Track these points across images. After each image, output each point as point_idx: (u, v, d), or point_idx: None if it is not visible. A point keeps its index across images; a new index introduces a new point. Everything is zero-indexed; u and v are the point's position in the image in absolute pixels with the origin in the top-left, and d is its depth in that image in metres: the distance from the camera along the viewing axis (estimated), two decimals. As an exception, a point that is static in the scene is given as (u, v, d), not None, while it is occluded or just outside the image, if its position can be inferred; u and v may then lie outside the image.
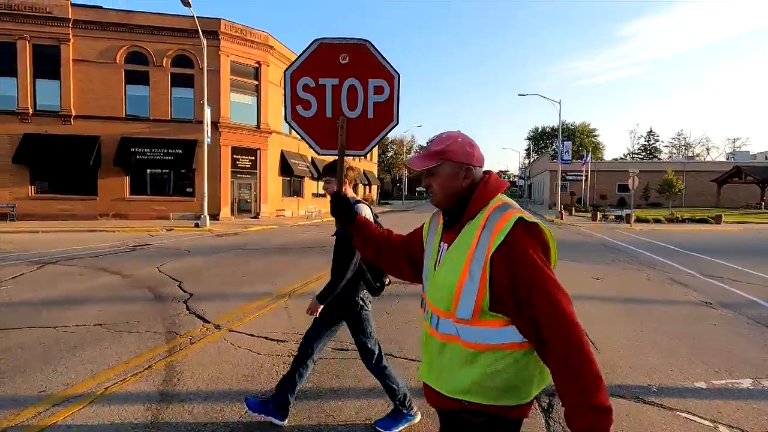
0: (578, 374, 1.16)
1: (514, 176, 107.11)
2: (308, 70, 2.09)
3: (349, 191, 2.78)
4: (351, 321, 2.76)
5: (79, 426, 2.73)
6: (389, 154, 67.46)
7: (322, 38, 2.08)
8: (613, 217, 25.83)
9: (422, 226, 1.66)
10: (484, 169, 1.47)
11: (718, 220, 23.14)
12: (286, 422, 2.75)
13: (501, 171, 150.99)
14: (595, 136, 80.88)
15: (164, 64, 20.56)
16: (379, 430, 2.72)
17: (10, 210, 19.12)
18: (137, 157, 20.12)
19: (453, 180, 1.41)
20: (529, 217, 1.31)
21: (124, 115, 20.42)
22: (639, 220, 23.45)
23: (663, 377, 3.60)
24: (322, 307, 2.65)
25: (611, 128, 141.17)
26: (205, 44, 18.74)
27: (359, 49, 2.07)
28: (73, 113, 19.92)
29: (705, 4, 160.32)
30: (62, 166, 19.84)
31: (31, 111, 19.68)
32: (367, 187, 43.07)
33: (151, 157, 20.29)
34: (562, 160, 27.32)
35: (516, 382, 1.30)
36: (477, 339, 1.30)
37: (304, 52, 2.10)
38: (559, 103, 27.32)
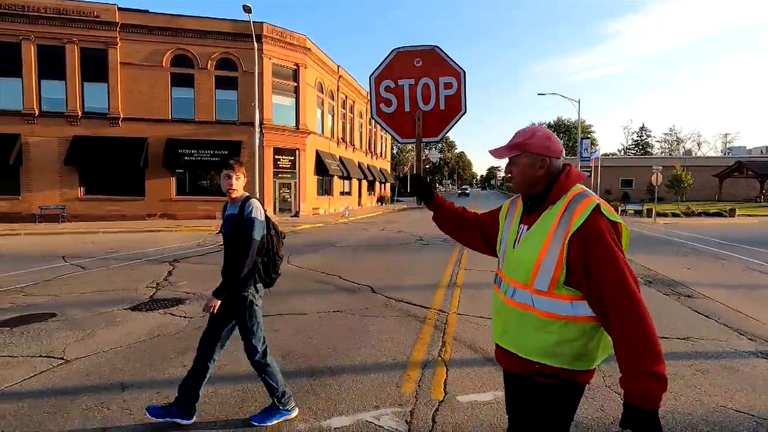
0: (635, 341, 1.31)
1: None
2: (388, 74, 2.53)
3: (238, 186, 2.82)
4: (239, 315, 2.80)
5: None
6: (393, 152, 68.23)
7: (399, 47, 2.53)
8: (632, 211, 27.03)
9: (499, 208, 1.87)
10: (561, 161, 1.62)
11: (732, 213, 24.51)
12: (192, 420, 2.83)
13: (493, 167, 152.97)
14: (592, 132, 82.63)
15: (208, 67, 21.01)
16: (253, 423, 2.85)
17: (61, 212, 19.46)
18: (185, 158, 20.58)
19: (531, 169, 1.57)
20: (606, 206, 1.49)
21: (170, 117, 20.83)
22: (658, 214, 24.69)
23: (838, 342, 4.52)
24: (219, 302, 2.68)
25: (602, 124, 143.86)
26: (256, 48, 19.31)
27: (430, 53, 2.49)
28: (121, 115, 20.27)
29: (693, 0, 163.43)
30: (111, 167, 20.21)
31: (80, 113, 19.98)
32: (383, 185, 43.78)
33: (198, 158, 20.78)
34: (581, 157, 28.43)
35: (584, 351, 1.48)
36: (550, 309, 1.48)
37: (385, 59, 2.55)
38: (579, 102, 28.41)
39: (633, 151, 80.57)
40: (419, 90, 2.48)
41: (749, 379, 3.63)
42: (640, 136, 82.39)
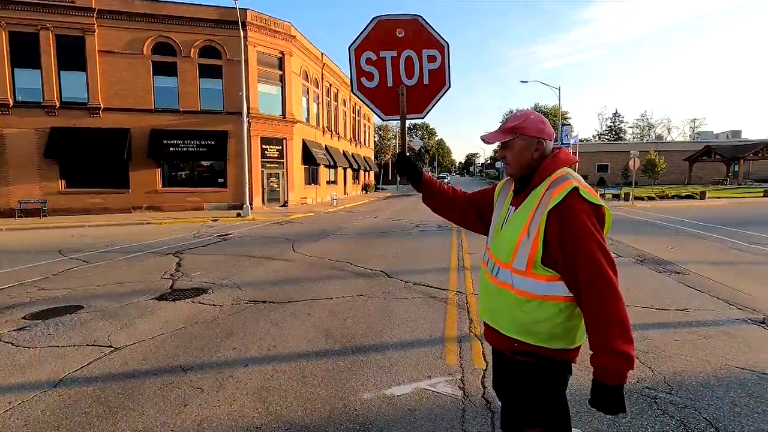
0: (605, 321, 1.36)
1: (489, 160, 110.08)
2: (369, 45, 2.31)
3: None
4: None
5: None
6: (375, 140, 68.26)
7: (379, 15, 2.33)
8: (611, 195, 28.10)
9: (492, 187, 1.92)
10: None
11: (702, 196, 25.82)
12: None
13: (471, 154, 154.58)
14: (568, 118, 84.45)
15: (192, 55, 20.54)
16: None
17: (41, 206, 18.90)
18: (170, 149, 20.21)
19: (525, 152, 1.59)
20: (586, 189, 1.49)
21: (153, 107, 20.33)
22: (635, 198, 25.77)
23: (814, 308, 5.10)
24: None
25: (577, 111, 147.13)
26: (241, 35, 19.01)
27: (412, 23, 2.31)
28: (102, 105, 19.66)
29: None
30: (93, 159, 19.65)
31: (57, 104, 19.27)
32: (367, 173, 43.86)
33: (184, 148, 20.43)
34: (562, 143, 29.26)
35: (560, 330, 1.50)
36: (527, 288, 1.52)
37: (365, 29, 2.33)
38: (559, 89, 29.10)
39: (607, 137, 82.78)
40: (402, 63, 2.31)
41: (745, 341, 4.11)
42: (613, 122, 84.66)
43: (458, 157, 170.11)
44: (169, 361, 3.82)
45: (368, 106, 2.38)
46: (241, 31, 19.31)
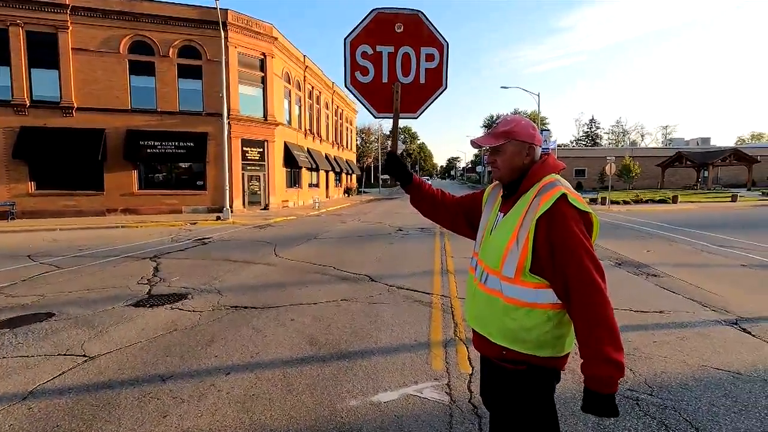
0: (595, 329, 1.35)
1: (470, 164, 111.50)
2: (366, 38, 2.20)
3: None
4: None
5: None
6: (358, 143, 68.23)
7: (378, 8, 2.22)
8: (588, 200, 28.76)
9: (481, 192, 1.90)
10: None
11: (675, 200, 26.72)
12: None
13: (453, 158, 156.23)
14: (547, 123, 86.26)
15: (170, 55, 20.10)
16: None
17: (10, 208, 18.11)
18: (148, 150, 19.70)
19: (516, 157, 1.58)
20: (574, 195, 1.48)
21: (129, 107, 19.79)
22: (612, 202, 26.47)
23: None
24: None
25: (554, 116, 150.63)
26: (222, 36, 18.73)
27: (413, 18, 2.21)
28: (75, 105, 19.03)
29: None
30: (65, 160, 18.97)
31: (27, 102, 18.55)
32: (349, 176, 43.73)
33: (162, 150, 19.95)
34: (542, 148, 29.79)
35: (549, 337, 1.49)
36: (515, 295, 1.50)
37: (362, 21, 2.21)
38: (538, 95, 29.68)
39: (584, 142, 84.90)
40: (399, 59, 2.22)
41: (719, 342, 4.24)
42: (590, 128, 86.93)
43: (440, 161, 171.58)
44: (146, 370, 3.69)
45: (360, 102, 2.29)
46: (221, 31, 19.03)
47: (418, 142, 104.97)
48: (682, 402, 3.10)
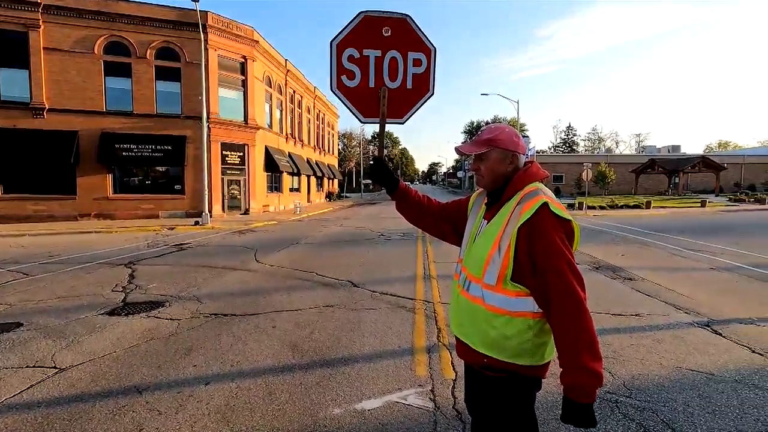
0: (573, 338, 1.36)
1: (450, 169, 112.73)
2: (353, 42, 2.17)
3: None
4: None
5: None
6: (339, 148, 68.14)
7: (366, 11, 2.19)
8: (566, 205, 29.33)
9: (467, 198, 1.90)
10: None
11: (648, 205, 27.57)
12: None
13: (434, 163, 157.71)
14: (525, 130, 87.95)
15: (148, 56, 19.68)
16: None
17: (-26, 213, 17.36)
18: (123, 153, 19.18)
19: (499, 165, 1.59)
20: (556, 204, 1.49)
21: (104, 109, 19.25)
22: (588, 207, 27.13)
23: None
24: None
25: (533, 123, 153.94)
26: (202, 38, 18.46)
27: (400, 23, 2.20)
28: (46, 106, 18.41)
29: (613, 9, 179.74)
30: (35, 163, 18.27)
31: (-5, 103, 17.86)
32: (331, 181, 43.55)
33: (138, 153, 19.45)
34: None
35: (529, 346, 1.50)
36: (497, 304, 1.51)
37: (349, 23, 2.18)
38: (518, 102, 30.27)
39: (561, 149, 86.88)
40: (386, 64, 2.20)
41: (693, 344, 4.38)
42: (567, 135, 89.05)
43: (421, 166, 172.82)
44: (121, 382, 3.56)
45: (346, 107, 2.24)
46: (201, 33, 18.74)
47: (400, 147, 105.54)
48: (659, 403, 3.18)
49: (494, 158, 1.60)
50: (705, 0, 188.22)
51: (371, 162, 1.97)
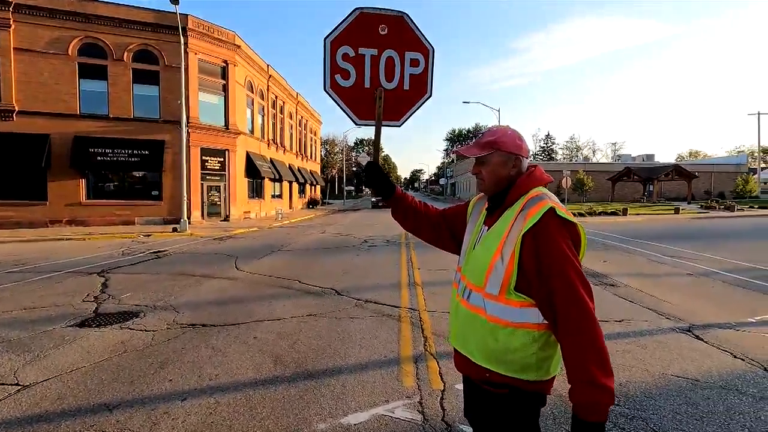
0: (583, 353, 1.27)
1: (432, 176, 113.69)
2: (348, 39, 2.06)
3: None
4: None
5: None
6: (322, 154, 67.86)
7: (361, 7, 2.09)
8: (546, 211, 29.86)
9: (465, 204, 1.82)
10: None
11: (625, 212, 28.24)
12: None
13: (416, 170, 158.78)
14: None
15: (125, 59, 19.21)
16: None
17: (-64, 219, 16.51)
18: (98, 158, 18.59)
19: (502, 168, 1.52)
20: (562, 209, 1.40)
21: (78, 112, 18.66)
22: (568, 214, 27.61)
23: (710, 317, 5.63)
24: None
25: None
26: (182, 41, 18.12)
27: (398, 21, 2.10)
28: (16, 108, 17.75)
29: (588, 23, 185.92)
30: (4, 167, 17.56)
31: (-40, 104, 17.10)
32: (313, 187, 43.22)
33: (114, 158, 18.89)
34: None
35: (534, 360, 1.40)
36: (500, 314, 1.42)
37: (344, 20, 2.07)
38: (498, 110, 30.72)
39: (541, 157, 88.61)
40: (382, 63, 2.09)
41: (676, 350, 4.41)
42: (546, 143, 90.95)
43: (403, 173, 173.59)
44: (90, 399, 3.34)
45: (340, 108, 2.11)
46: (181, 36, 18.40)
47: (383, 153, 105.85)
48: (648, 411, 3.16)
49: (496, 161, 1.53)
50: (672, 18, 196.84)
51: (353, 168, 1.79)
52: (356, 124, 2.14)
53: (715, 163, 56.62)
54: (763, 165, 52.39)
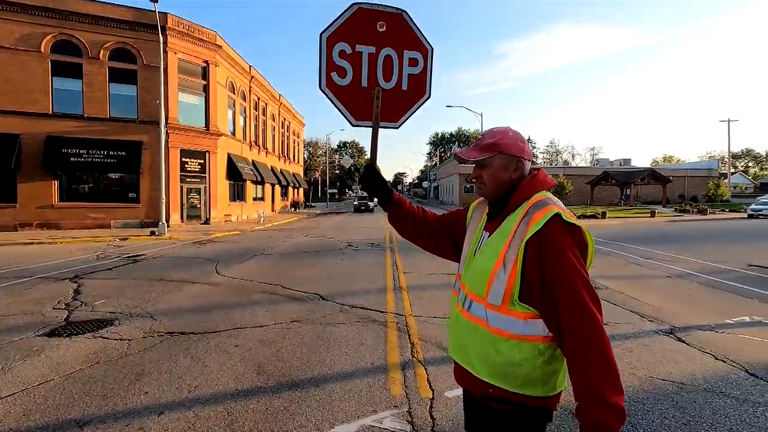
0: (591, 368, 1.18)
1: (415, 179, 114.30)
2: (345, 35, 1.96)
3: None
4: None
5: (433, 380, 3.73)
6: (305, 157, 67.26)
7: (359, 2, 1.99)
8: (527, 215, 30.26)
9: (464, 209, 1.74)
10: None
11: (603, 215, 28.86)
12: None
13: (399, 173, 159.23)
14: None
15: (101, 57, 18.66)
16: None
17: None
18: (71, 159, 17.95)
19: (503, 172, 1.44)
20: (568, 215, 1.33)
21: (50, 112, 18.01)
22: (549, 217, 28.04)
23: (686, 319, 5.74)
24: None
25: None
26: (161, 40, 17.69)
27: (396, 18, 2.02)
28: (-17, 107, 16.99)
29: (569, 30, 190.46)
30: (-30, 168, 16.79)
31: None
32: (296, 190, 42.81)
33: (88, 159, 18.29)
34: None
35: (539, 374, 1.33)
36: (503, 326, 1.35)
37: (341, 15, 1.97)
38: (481, 114, 31.03)
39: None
40: (380, 62, 2.00)
41: (660, 352, 4.44)
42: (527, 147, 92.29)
43: (386, 176, 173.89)
44: (59, 415, 3.14)
45: (337, 108, 2.01)
46: (160, 35, 17.96)
47: (366, 156, 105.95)
48: (637, 416, 3.15)
49: (498, 165, 1.45)
50: (648, 27, 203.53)
51: (336, 171, 1.68)
52: (352, 124, 2.02)
53: (688, 168, 58.48)
54: (732, 170, 54.39)
